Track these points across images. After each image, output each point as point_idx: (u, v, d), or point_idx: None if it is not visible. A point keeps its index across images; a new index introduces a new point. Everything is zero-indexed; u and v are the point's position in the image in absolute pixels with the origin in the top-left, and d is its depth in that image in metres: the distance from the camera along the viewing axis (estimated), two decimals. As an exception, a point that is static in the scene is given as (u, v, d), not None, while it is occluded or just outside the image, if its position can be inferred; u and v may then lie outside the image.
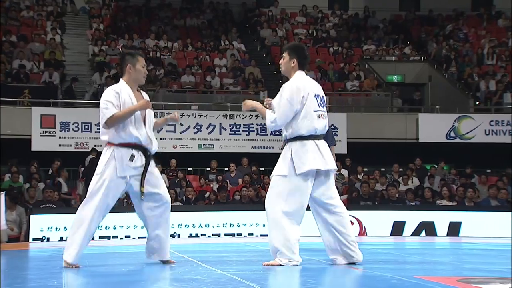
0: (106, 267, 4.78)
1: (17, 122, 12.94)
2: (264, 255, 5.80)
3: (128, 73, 4.60)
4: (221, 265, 4.59)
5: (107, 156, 4.50)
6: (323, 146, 4.57)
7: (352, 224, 9.82)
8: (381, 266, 4.68)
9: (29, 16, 17.55)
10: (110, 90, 4.56)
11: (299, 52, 4.61)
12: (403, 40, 19.18)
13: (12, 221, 9.31)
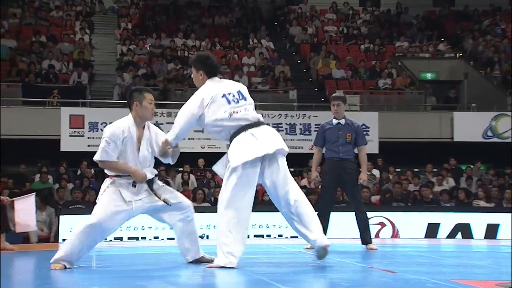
0: (135, 268, 4.83)
1: (47, 122, 13.18)
2: (295, 256, 5.80)
3: (135, 110, 4.70)
4: (251, 267, 4.59)
5: (106, 185, 4.72)
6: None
7: (384, 226, 9.77)
8: (415, 269, 4.62)
9: (59, 16, 17.89)
10: (116, 128, 4.65)
11: (203, 62, 4.67)
12: (437, 37, 18.90)
13: (42, 222, 9.50)
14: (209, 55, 4.86)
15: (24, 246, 7.83)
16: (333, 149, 6.56)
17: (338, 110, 6.56)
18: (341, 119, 6.59)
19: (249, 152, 4.39)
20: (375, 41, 18.15)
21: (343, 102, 6.62)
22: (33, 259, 6.13)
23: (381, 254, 6.17)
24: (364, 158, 6.66)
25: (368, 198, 10.65)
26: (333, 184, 6.62)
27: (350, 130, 6.57)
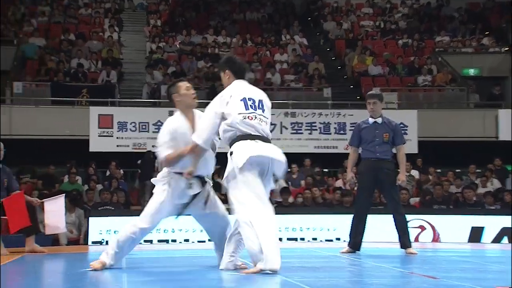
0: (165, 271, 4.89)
1: (76, 122, 13.40)
2: (330, 261, 5.78)
3: (177, 102, 4.81)
4: (285, 271, 4.59)
5: (163, 182, 4.74)
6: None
7: (424, 229, 9.65)
8: (458, 275, 4.56)
9: (87, 13, 18.20)
10: (165, 128, 4.77)
11: (229, 62, 4.76)
12: (480, 30, 18.56)
13: (72, 224, 9.68)
14: (232, 56, 5.03)
15: (53, 248, 7.99)
16: (369, 149, 6.52)
17: (375, 108, 6.51)
18: (378, 118, 6.53)
19: (253, 151, 4.41)
20: (414, 36, 17.93)
21: (380, 100, 6.57)
22: (63, 262, 6.26)
23: (421, 259, 6.10)
24: (403, 158, 6.59)
25: (407, 200, 10.55)
26: (370, 185, 6.58)
27: (387, 129, 6.51)
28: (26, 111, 13.41)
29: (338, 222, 9.60)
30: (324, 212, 10.25)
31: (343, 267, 5.24)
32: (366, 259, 5.81)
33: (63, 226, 7.24)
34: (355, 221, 6.53)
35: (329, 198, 11.43)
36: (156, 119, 13.48)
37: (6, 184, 6.87)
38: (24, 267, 5.66)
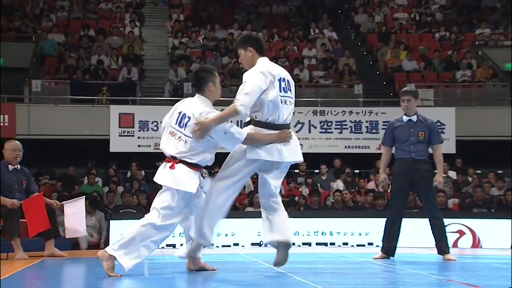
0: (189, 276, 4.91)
1: (95, 121, 13.55)
2: (362, 267, 5.74)
3: (209, 92, 4.81)
4: (314, 277, 4.59)
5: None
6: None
7: (463, 234, 9.53)
8: (500, 283, 4.49)
9: (107, 8, 18.39)
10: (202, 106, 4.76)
11: (250, 40, 4.88)
12: (525, 22, 18.26)
13: (92, 227, 9.80)
14: (251, 33, 5.17)
15: (73, 253, 8.10)
16: (404, 149, 6.46)
17: (409, 105, 6.45)
18: (413, 116, 6.47)
19: (269, 154, 4.66)
20: (452, 29, 17.72)
21: (415, 96, 6.50)
22: (83, 266, 6.33)
23: (460, 266, 6.03)
24: (440, 158, 6.51)
25: (444, 203, 10.43)
26: (405, 187, 6.52)
27: (422, 127, 6.44)
28: (45, 110, 13.60)
29: (371, 226, 9.54)
30: (356, 215, 10.21)
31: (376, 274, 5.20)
32: (400, 266, 5.76)
33: (84, 229, 7.32)
34: (389, 225, 6.48)
35: (361, 200, 11.37)
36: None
37: (25, 186, 6.98)
38: (43, 272, 5.75)
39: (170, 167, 4.65)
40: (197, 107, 4.69)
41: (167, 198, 4.67)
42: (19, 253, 6.62)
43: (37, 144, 12.33)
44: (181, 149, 4.64)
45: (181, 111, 4.72)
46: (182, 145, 4.64)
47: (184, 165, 4.62)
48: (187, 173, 4.62)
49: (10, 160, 6.91)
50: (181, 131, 4.67)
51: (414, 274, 5.00)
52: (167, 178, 4.66)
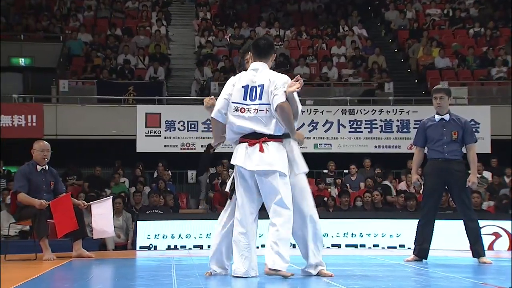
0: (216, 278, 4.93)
1: (122, 121, 13.66)
2: (394, 269, 5.70)
3: (271, 62, 4.81)
4: (345, 279, 4.57)
5: (285, 154, 4.67)
6: None
7: (499, 237, 9.39)
8: (538, 288, 4.40)
9: (134, 7, 18.56)
10: (285, 76, 4.72)
11: (253, 44, 4.85)
12: None
13: (119, 228, 9.90)
14: (262, 37, 5.22)
15: (101, 253, 8.19)
16: (436, 149, 6.39)
17: (441, 103, 6.37)
18: (445, 115, 6.40)
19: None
20: (487, 24, 17.45)
21: (447, 94, 6.42)
22: (111, 267, 6.40)
23: (496, 269, 5.94)
24: (474, 158, 6.43)
25: (479, 205, 10.29)
26: (438, 188, 6.45)
27: (456, 126, 6.37)
28: (72, 110, 13.76)
29: (402, 227, 9.46)
30: (386, 217, 10.13)
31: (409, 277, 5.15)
32: (433, 268, 5.70)
33: (111, 230, 7.39)
34: (421, 227, 6.42)
35: (391, 201, 11.28)
36: (205, 117, 13.58)
37: (52, 186, 7.08)
38: (71, 273, 5.83)
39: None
40: (270, 74, 4.65)
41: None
42: (47, 253, 6.72)
43: (64, 144, 12.49)
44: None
45: (247, 84, 4.65)
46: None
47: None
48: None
49: (38, 161, 7.02)
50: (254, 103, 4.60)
51: (447, 278, 4.94)
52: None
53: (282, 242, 4.47)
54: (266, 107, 4.56)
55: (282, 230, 4.48)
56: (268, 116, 4.56)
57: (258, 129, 4.56)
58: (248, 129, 4.57)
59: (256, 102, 4.58)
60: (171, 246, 9.47)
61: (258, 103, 4.57)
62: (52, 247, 6.84)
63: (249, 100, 4.60)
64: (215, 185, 12.29)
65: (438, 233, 6.53)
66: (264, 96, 4.57)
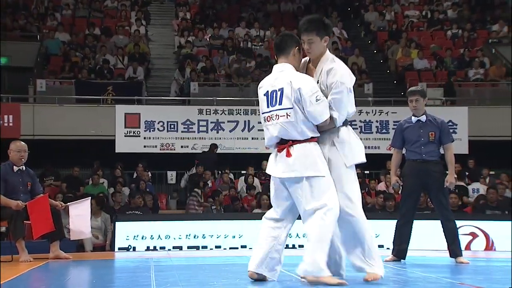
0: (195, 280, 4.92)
1: (101, 121, 13.58)
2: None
3: (294, 57, 4.43)
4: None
5: (321, 153, 4.31)
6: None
7: (476, 237, 9.49)
8: (514, 287, 4.46)
9: (113, 6, 18.43)
10: (310, 78, 4.35)
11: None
12: (539, 19, 18.17)
13: (97, 229, 9.83)
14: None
15: (78, 255, 8.13)
16: (414, 150, 6.44)
17: (417, 106, 6.43)
18: (421, 116, 6.44)
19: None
20: (465, 26, 17.65)
21: (422, 96, 6.48)
22: (89, 269, 6.35)
23: (473, 269, 6.00)
24: (451, 158, 6.48)
25: (457, 205, 10.38)
26: (416, 189, 6.50)
27: (432, 127, 6.41)
28: (50, 110, 13.64)
29: (381, 228, 9.50)
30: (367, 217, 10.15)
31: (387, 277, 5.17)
32: (412, 269, 5.74)
33: (89, 231, 7.34)
34: (400, 227, 6.46)
35: (371, 202, 11.33)
36: (185, 117, 13.60)
37: (29, 187, 7.00)
38: (48, 275, 5.77)
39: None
40: (294, 76, 4.29)
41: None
42: (24, 255, 6.65)
43: (42, 145, 12.36)
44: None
45: (267, 90, 4.36)
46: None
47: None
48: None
49: (15, 161, 6.94)
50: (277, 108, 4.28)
51: (425, 278, 4.98)
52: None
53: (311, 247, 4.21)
54: (287, 112, 4.26)
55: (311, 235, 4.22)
56: (290, 122, 4.25)
57: (283, 136, 4.29)
58: (275, 138, 4.32)
59: (276, 107, 4.30)
60: (150, 247, 9.44)
61: (277, 108, 4.29)
62: (28, 249, 6.77)
63: (271, 107, 4.33)
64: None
65: (416, 233, 6.58)
66: (284, 101, 4.25)
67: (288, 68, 4.38)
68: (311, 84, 4.29)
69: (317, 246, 4.17)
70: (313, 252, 4.17)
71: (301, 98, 4.23)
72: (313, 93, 4.24)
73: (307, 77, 4.35)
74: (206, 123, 13.61)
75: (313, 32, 4.40)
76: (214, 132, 13.54)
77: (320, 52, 4.45)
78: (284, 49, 4.42)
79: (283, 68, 4.39)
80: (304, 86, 4.25)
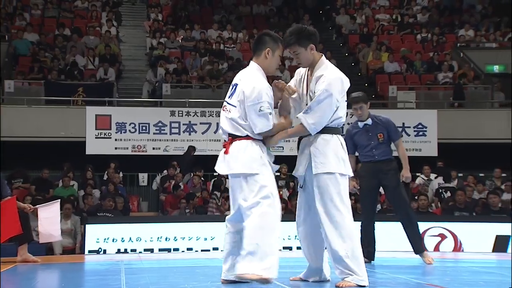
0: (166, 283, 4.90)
1: (71, 123, 13.45)
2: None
3: (264, 59, 4.38)
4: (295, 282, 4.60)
5: (257, 151, 4.30)
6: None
7: (444, 238, 9.61)
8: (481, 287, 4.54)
9: (83, 7, 18.27)
10: (264, 85, 4.29)
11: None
12: (506, 24, 18.49)
13: (67, 231, 9.70)
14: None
15: (47, 258, 8.03)
16: (366, 154, 6.55)
17: (362, 112, 6.55)
18: (367, 119, 6.56)
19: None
20: (434, 30, 17.89)
21: (365, 102, 6.58)
22: (58, 272, 6.28)
23: (441, 270, 6.09)
24: (404, 153, 6.58)
25: (426, 207, 10.51)
26: (373, 189, 6.58)
27: (380, 128, 6.51)
28: (18, 111, 13.46)
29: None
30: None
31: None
32: (381, 270, 5.80)
33: (58, 234, 7.26)
34: (364, 229, 6.51)
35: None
36: (157, 119, 13.53)
37: (-3, 189, 6.90)
38: (16, 279, 5.69)
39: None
40: (247, 76, 4.32)
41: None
42: (-9, 258, 6.54)
43: (10, 146, 12.20)
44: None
45: (232, 83, 4.40)
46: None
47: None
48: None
49: (-18, 163, 6.83)
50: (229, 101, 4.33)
51: (394, 279, 5.04)
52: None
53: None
54: (231, 108, 4.31)
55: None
56: (232, 118, 4.29)
57: (226, 128, 4.34)
58: (223, 129, 4.37)
59: (229, 100, 4.35)
60: (121, 250, 9.36)
61: (228, 101, 4.35)
62: (-4, 252, 6.67)
63: (228, 98, 4.38)
64: (167, 187, 12.21)
65: (385, 234, 6.65)
66: (233, 97, 4.33)
67: (251, 67, 4.41)
68: (259, 91, 4.23)
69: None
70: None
71: (244, 101, 4.25)
72: (256, 103, 4.22)
73: (259, 82, 4.28)
74: (178, 125, 13.56)
75: (295, 44, 4.44)
76: (186, 134, 13.49)
77: (311, 60, 4.48)
78: (256, 49, 4.45)
79: (250, 66, 4.43)
80: (249, 91, 4.23)
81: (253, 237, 4.13)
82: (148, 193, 13.45)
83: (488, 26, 18.47)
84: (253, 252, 4.10)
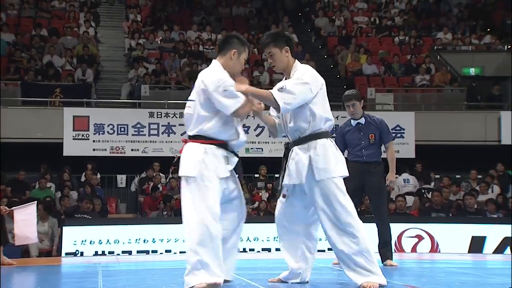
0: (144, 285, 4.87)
1: (48, 124, 13.32)
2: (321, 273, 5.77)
3: (229, 59, 4.38)
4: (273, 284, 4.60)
5: (199, 155, 4.28)
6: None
7: (421, 239, 9.70)
8: (457, 288, 4.59)
9: (61, 7, 18.11)
10: (224, 73, 4.27)
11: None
12: (482, 27, 18.73)
13: (44, 233, 9.61)
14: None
15: (23, 260, 7.95)
16: (355, 153, 6.46)
17: (355, 110, 6.43)
18: (360, 118, 6.46)
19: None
20: (411, 33, 18.06)
21: (358, 100, 6.46)
22: (34, 275, 6.22)
23: (418, 271, 6.14)
24: (393, 156, 6.49)
25: (404, 208, 10.59)
26: (357, 188, 6.50)
27: (372, 128, 6.44)
28: (-6, 112, 13.30)
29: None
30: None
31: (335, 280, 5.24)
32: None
33: (34, 236, 7.19)
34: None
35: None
36: (135, 121, 13.45)
37: (-28, 191, 6.82)
38: (-9, 281, 5.61)
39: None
40: (206, 70, 4.33)
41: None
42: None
43: (-14, 148, 12.05)
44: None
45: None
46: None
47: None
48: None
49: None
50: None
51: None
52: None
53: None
54: (189, 104, 4.31)
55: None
56: (189, 114, 4.30)
57: (185, 124, 4.38)
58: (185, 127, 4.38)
59: (190, 98, 4.35)
60: (99, 252, 9.30)
61: (189, 99, 4.34)
62: (-29, 255, 6.59)
63: (190, 97, 4.39)
64: (145, 189, 12.15)
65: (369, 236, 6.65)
66: (193, 92, 4.32)
67: (213, 64, 4.40)
68: (217, 76, 4.23)
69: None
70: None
71: (206, 90, 4.21)
72: (218, 85, 4.20)
73: (216, 70, 4.30)
74: (157, 126, 13.50)
75: (270, 45, 4.49)
76: (165, 136, 13.45)
77: (285, 63, 4.54)
78: (222, 49, 4.44)
79: (212, 64, 4.42)
80: (208, 77, 4.25)
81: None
82: (126, 195, 13.37)
83: (464, 30, 18.69)
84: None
